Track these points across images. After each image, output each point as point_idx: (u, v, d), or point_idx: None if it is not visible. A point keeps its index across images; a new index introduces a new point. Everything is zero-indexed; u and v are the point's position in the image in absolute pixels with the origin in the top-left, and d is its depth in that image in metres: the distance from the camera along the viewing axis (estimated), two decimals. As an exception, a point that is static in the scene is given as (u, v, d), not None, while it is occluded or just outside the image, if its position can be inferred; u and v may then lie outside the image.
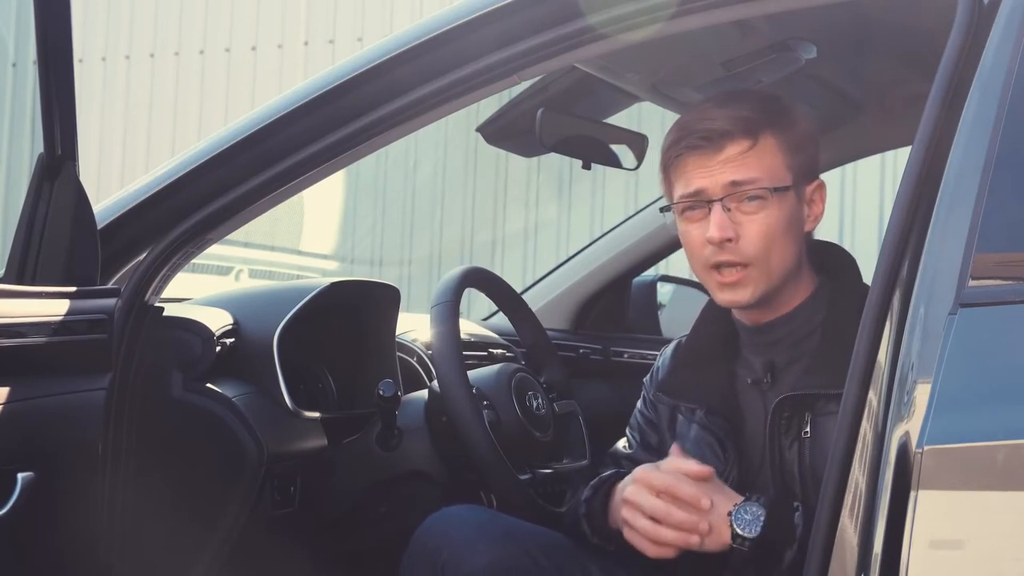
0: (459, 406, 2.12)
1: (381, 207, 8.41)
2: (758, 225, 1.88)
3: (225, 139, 1.93)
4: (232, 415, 2.05)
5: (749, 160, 1.88)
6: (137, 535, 1.95)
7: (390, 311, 2.47)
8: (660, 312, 3.29)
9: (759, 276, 1.90)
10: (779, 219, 1.88)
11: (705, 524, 1.79)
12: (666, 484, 1.82)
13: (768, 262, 1.89)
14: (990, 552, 1.32)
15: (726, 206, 1.88)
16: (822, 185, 1.96)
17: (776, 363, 1.96)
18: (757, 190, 1.87)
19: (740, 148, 1.88)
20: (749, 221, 1.88)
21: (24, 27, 8.76)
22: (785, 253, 1.90)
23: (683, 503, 1.80)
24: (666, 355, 2.15)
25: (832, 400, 1.87)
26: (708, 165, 1.89)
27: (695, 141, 1.89)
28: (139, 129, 9.03)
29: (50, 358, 1.83)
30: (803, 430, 1.89)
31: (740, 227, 1.88)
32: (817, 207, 1.95)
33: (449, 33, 1.83)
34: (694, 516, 1.79)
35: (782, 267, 1.91)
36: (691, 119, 1.93)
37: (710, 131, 1.88)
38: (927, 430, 1.31)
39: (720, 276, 1.91)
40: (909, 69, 2.34)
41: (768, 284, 1.91)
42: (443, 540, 1.92)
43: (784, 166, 1.90)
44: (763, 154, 1.89)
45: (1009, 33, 1.46)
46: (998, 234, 1.39)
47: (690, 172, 1.91)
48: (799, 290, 1.95)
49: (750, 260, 1.88)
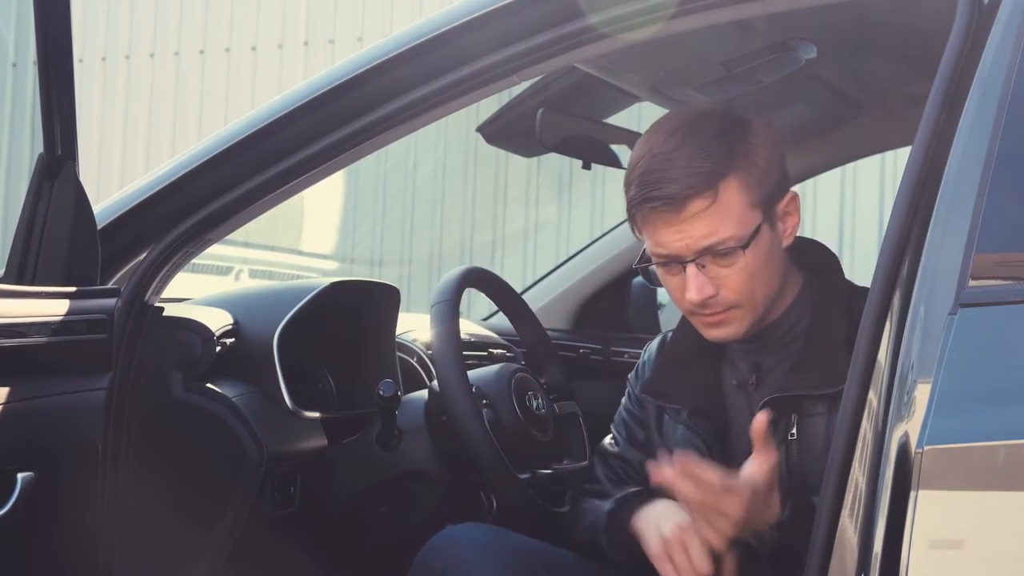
0: (459, 406, 2.11)
1: (381, 207, 8.41)
2: (737, 275, 1.86)
3: (225, 139, 1.93)
4: (232, 415, 2.05)
5: (713, 216, 1.83)
6: (137, 535, 1.95)
7: (390, 311, 2.47)
8: (660, 312, 3.28)
9: (745, 313, 1.89)
10: (756, 260, 1.86)
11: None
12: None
13: (754, 300, 1.89)
14: (990, 552, 1.32)
15: (700, 264, 1.85)
16: (794, 197, 1.93)
17: (763, 365, 1.96)
18: (729, 245, 1.84)
19: (702, 205, 1.83)
20: (728, 273, 1.86)
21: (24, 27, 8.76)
22: (768, 284, 1.90)
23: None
24: (651, 351, 2.15)
25: (818, 401, 1.87)
26: (674, 223, 1.84)
27: (657, 204, 1.84)
28: (139, 129, 9.03)
29: (50, 358, 1.83)
30: (789, 432, 1.89)
31: (718, 280, 1.86)
32: (792, 219, 1.92)
33: (449, 33, 1.83)
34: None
35: (767, 297, 1.90)
36: (649, 175, 1.85)
37: (670, 196, 1.83)
38: (927, 430, 1.31)
39: (706, 317, 1.90)
40: (909, 69, 2.34)
41: (756, 315, 1.90)
42: (449, 561, 1.91)
43: (749, 206, 1.85)
44: (727, 205, 1.84)
45: (1009, 33, 1.46)
46: (998, 234, 1.39)
47: (659, 232, 1.86)
48: (784, 296, 1.95)
49: (734, 304, 1.88)
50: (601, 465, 2.15)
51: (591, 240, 3.26)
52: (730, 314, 1.89)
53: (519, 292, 2.57)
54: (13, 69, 9.21)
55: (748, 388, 1.96)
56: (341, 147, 1.89)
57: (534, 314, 2.53)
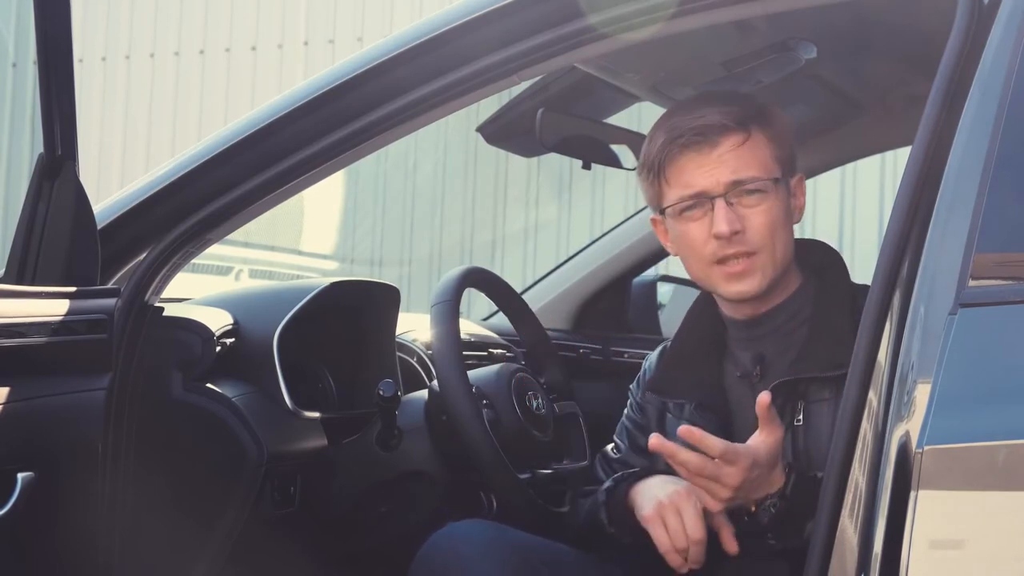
0: (459, 406, 2.11)
1: (381, 207, 8.41)
2: (761, 216, 1.91)
3: (225, 139, 1.93)
4: (232, 415, 2.05)
5: (744, 154, 1.91)
6: (137, 535, 1.95)
7: (390, 311, 2.47)
8: (660, 312, 3.28)
9: (766, 263, 1.92)
10: (779, 209, 1.92)
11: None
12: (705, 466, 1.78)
13: (773, 250, 1.92)
14: (990, 552, 1.32)
15: (729, 200, 1.90)
16: (802, 178, 2.01)
17: (765, 356, 1.97)
18: (758, 183, 1.90)
19: (735, 142, 1.91)
20: (753, 213, 1.91)
21: (24, 27, 8.75)
22: (786, 241, 1.94)
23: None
24: (652, 359, 2.17)
25: (825, 385, 1.88)
26: (704, 163, 1.90)
27: (690, 138, 1.90)
28: (139, 129, 9.03)
29: (50, 358, 1.83)
30: (796, 418, 1.90)
31: (744, 220, 1.90)
32: (800, 200, 2.00)
33: (449, 33, 1.83)
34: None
35: (785, 255, 1.94)
36: (679, 118, 1.94)
37: (705, 127, 1.90)
38: (927, 430, 1.31)
39: (727, 268, 1.92)
40: (909, 69, 2.34)
41: (774, 272, 1.93)
42: (450, 557, 1.92)
43: (773, 159, 1.94)
44: (756, 148, 1.92)
45: (1009, 33, 1.46)
46: (998, 234, 1.39)
47: (688, 172, 1.91)
48: (788, 284, 1.98)
49: (757, 248, 1.91)
50: (603, 471, 2.15)
51: (591, 240, 3.26)
52: (751, 263, 1.91)
53: (519, 292, 2.57)
54: (13, 69, 9.21)
55: (752, 379, 1.97)
56: (341, 147, 1.89)
57: (534, 314, 2.53)
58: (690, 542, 1.83)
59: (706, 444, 1.75)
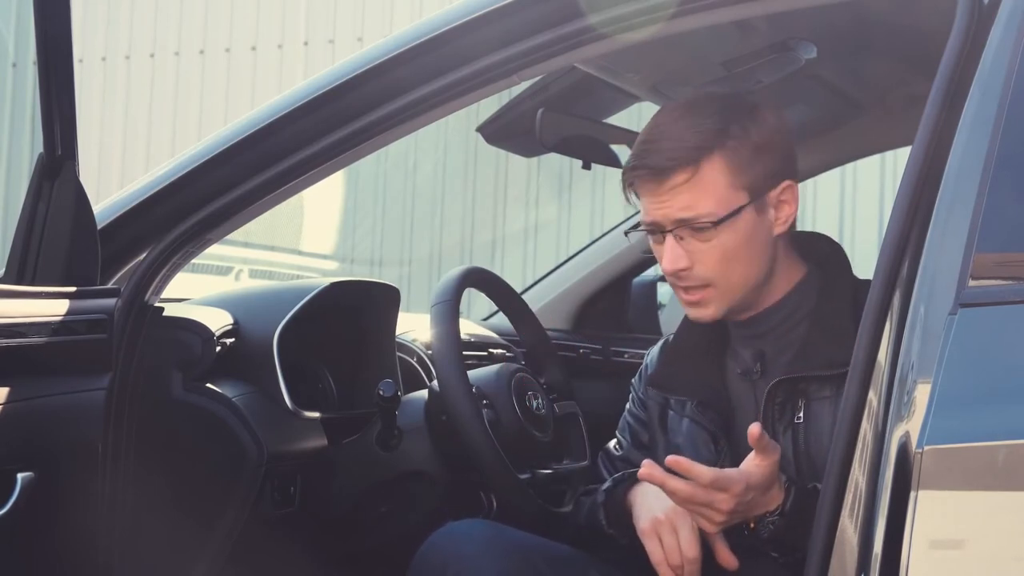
0: (459, 406, 2.11)
1: (381, 207, 8.41)
2: (713, 251, 1.89)
3: (225, 139, 1.93)
4: (232, 415, 2.05)
5: (695, 188, 1.88)
6: (137, 535, 1.95)
7: (390, 311, 2.47)
8: (660, 312, 3.29)
9: (721, 294, 1.92)
10: (734, 240, 1.89)
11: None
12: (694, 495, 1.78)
13: (728, 281, 1.91)
14: (990, 552, 1.32)
15: (678, 235, 1.90)
16: (791, 186, 1.94)
17: (766, 353, 1.98)
18: (707, 219, 1.88)
19: (684, 176, 1.88)
20: (703, 248, 1.90)
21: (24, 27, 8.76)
22: (747, 269, 1.92)
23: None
24: (653, 353, 2.17)
25: (826, 384, 1.88)
26: (656, 194, 1.91)
27: (642, 172, 1.91)
28: (139, 129, 9.04)
29: (50, 358, 1.83)
30: (796, 416, 1.91)
31: (694, 254, 1.90)
32: (787, 209, 1.94)
33: (449, 33, 1.83)
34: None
35: (744, 282, 1.93)
36: (643, 144, 1.93)
37: (654, 166, 1.90)
38: (927, 430, 1.31)
39: (684, 295, 1.95)
40: (909, 69, 2.34)
41: (731, 299, 1.93)
42: (449, 556, 1.92)
43: (733, 187, 1.89)
44: (709, 180, 1.88)
45: (1009, 33, 1.46)
46: (998, 234, 1.39)
47: (644, 200, 1.94)
48: (781, 283, 1.97)
49: (708, 281, 1.91)
50: (605, 468, 2.16)
51: (591, 240, 3.26)
52: (705, 294, 1.92)
53: (519, 292, 2.57)
54: (13, 69, 9.22)
55: (753, 376, 1.98)
56: (341, 147, 1.89)
57: (534, 314, 2.53)
58: (684, 560, 1.84)
59: (695, 473, 1.75)
